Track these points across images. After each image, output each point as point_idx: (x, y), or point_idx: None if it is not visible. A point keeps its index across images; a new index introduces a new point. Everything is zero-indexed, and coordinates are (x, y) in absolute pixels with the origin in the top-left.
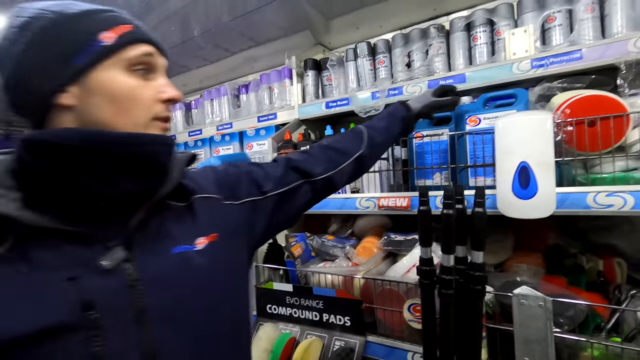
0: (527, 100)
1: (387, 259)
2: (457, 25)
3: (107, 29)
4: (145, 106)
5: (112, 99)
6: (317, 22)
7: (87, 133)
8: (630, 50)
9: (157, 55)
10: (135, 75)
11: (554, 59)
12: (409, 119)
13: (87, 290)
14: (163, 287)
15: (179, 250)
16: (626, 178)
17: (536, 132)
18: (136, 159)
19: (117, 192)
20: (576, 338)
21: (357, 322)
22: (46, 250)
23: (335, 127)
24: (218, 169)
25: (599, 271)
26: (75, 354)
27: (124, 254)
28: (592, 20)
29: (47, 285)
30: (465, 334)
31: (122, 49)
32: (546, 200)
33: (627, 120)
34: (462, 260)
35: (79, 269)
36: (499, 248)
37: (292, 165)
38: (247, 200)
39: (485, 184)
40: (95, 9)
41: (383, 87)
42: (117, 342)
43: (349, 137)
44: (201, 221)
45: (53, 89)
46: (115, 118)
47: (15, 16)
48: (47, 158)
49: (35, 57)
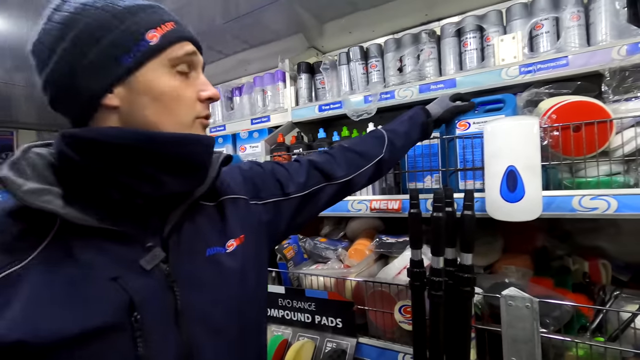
0: (515, 106)
1: (379, 261)
2: (448, 30)
3: (153, 28)
4: (188, 106)
5: (157, 99)
6: (310, 26)
7: (140, 133)
8: (614, 57)
9: (197, 53)
10: (178, 75)
11: (541, 65)
12: (428, 125)
13: (130, 290)
14: (198, 289)
15: (212, 252)
16: (610, 182)
17: (523, 136)
18: (182, 160)
19: (164, 193)
20: (562, 338)
21: (348, 323)
22: (88, 249)
23: (328, 130)
24: (243, 168)
25: (585, 272)
26: (119, 355)
27: (163, 255)
28: (578, 28)
29: (91, 284)
30: (454, 335)
31: (167, 48)
32: (533, 204)
33: (611, 126)
34: (452, 262)
35: (120, 269)
36: (489, 250)
37: (315, 167)
38: (270, 201)
39: (475, 187)
40: (140, 5)
41: (375, 91)
42: (158, 342)
43: (370, 140)
44: (230, 223)
45: (102, 89)
46: (160, 118)
47: (55, 9)
48: (96, 156)
49: (82, 56)
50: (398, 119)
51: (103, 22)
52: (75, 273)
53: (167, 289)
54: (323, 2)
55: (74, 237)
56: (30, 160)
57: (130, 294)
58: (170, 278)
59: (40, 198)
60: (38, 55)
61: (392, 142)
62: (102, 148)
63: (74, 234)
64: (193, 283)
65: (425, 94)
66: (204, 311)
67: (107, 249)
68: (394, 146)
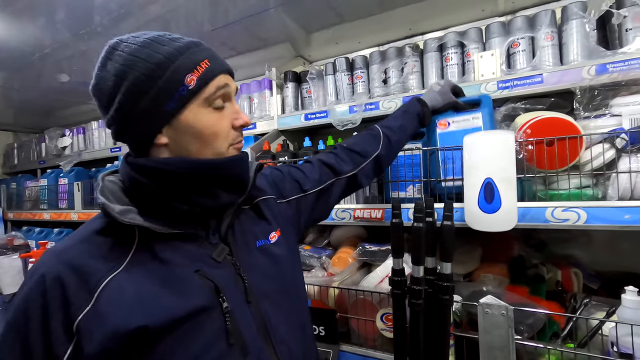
0: (491, 105)
1: (362, 269)
2: (431, 45)
3: (190, 72)
4: (223, 137)
5: (197, 136)
6: (298, 35)
7: (190, 162)
8: (584, 76)
9: (230, 83)
10: (215, 111)
11: (517, 82)
12: (425, 115)
13: (212, 278)
14: (257, 273)
15: (261, 244)
16: (580, 194)
17: (500, 150)
18: (224, 178)
19: (220, 204)
20: (535, 345)
21: (331, 331)
22: (167, 250)
23: (314, 138)
24: (265, 174)
25: (558, 281)
26: (213, 327)
27: (227, 249)
28: (552, 47)
29: (182, 277)
30: (433, 342)
31: (204, 89)
32: (509, 215)
33: (581, 142)
34: (432, 271)
35: (198, 263)
36: (467, 259)
37: (325, 164)
38: (293, 198)
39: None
40: (178, 49)
41: (360, 102)
42: (239, 317)
43: (367, 138)
44: (267, 219)
45: (153, 133)
46: (201, 151)
47: (107, 57)
48: (164, 180)
49: (135, 106)
50: (394, 113)
51: (149, 74)
52: (164, 269)
53: (237, 275)
54: (310, 13)
55: (153, 243)
56: (108, 187)
57: (213, 281)
58: (237, 266)
59: (127, 216)
60: (99, 99)
61: (388, 137)
62: (163, 174)
63: (152, 240)
64: (253, 269)
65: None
66: (266, 290)
67: (181, 248)
68: (390, 141)
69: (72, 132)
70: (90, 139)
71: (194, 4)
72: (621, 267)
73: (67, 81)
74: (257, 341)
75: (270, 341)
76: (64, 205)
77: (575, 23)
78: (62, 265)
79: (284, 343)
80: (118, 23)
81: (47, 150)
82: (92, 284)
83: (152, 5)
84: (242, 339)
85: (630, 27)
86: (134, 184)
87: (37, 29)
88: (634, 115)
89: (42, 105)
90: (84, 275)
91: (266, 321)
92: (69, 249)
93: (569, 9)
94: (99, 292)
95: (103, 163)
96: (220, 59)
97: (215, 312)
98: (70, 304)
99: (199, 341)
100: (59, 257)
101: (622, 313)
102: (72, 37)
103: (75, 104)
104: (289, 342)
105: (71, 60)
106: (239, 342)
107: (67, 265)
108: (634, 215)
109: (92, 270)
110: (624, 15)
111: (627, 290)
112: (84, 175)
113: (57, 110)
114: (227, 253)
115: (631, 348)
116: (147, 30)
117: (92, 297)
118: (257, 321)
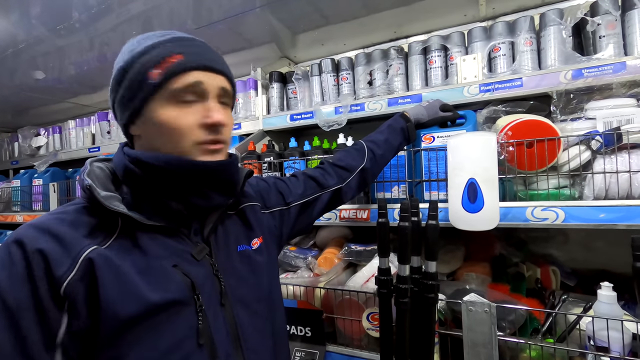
0: (475, 122)
1: (348, 269)
2: (415, 48)
3: (155, 66)
4: (185, 134)
5: (159, 129)
6: (283, 36)
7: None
8: (561, 81)
9: (207, 80)
10: (180, 104)
11: (498, 85)
12: (409, 129)
13: (189, 275)
14: (235, 277)
15: (242, 249)
16: (558, 194)
17: (482, 151)
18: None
19: (211, 205)
20: (516, 340)
21: (317, 332)
22: (150, 242)
23: (300, 139)
24: (252, 182)
25: (537, 278)
26: (186, 324)
27: (207, 249)
28: (531, 52)
29: (160, 269)
30: (419, 340)
31: (166, 83)
32: (491, 214)
33: (559, 143)
34: (417, 270)
35: (178, 258)
36: (451, 258)
37: (310, 178)
38: (276, 210)
39: (439, 198)
40: (154, 44)
41: (346, 103)
42: (212, 317)
43: (351, 153)
44: (251, 226)
45: (127, 120)
46: (165, 146)
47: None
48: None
49: (116, 93)
50: (379, 128)
51: (125, 66)
52: (144, 259)
53: (214, 276)
54: (296, 14)
55: (136, 232)
56: (95, 172)
57: (190, 277)
58: (215, 267)
59: (112, 202)
60: None
61: (373, 151)
62: (152, 168)
63: (135, 230)
64: (231, 273)
65: (393, 107)
66: (242, 295)
67: (163, 241)
68: (374, 155)
69: (47, 131)
70: (67, 138)
71: (177, 2)
72: (596, 265)
73: (42, 78)
74: (227, 346)
75: (240, 348)
76: (38, 207)
77: (553, 29)
78: (39, 232)
79: (255, 352)
80: (97, 19)
81: (21, 149)
82: (74, 252)
83: (134, 2)
84: (212, 341)
85: (603, 35)
86: (128, 173)
87: (11, 24)
88: (607, 118)
89: (15, 103)
90: (63, 241)
91: (238, 327)
92: (46, 221)
93: (546, 16)
94: (81, 262)
95: (80, 163)
96: (203, 56)
97: (189, 309)
98: (54, 269)
99: (168, 336)
100: (36, 226)
101: (598, 308)
102: (49, 32)
103: (51, 102)
104: (260, 352)
105: (47, 56)
106: (209, 344)
107: (45, 232)
108: (608, 214)
109: (73, 241)
110: (598, 23)
111: (602, 286)
112: (60, 176)
113: (32, 109)
114: (207, 253)
115: (607, 341)
116: (126, 27)
117: (76, 264)
118: (229, 326)
